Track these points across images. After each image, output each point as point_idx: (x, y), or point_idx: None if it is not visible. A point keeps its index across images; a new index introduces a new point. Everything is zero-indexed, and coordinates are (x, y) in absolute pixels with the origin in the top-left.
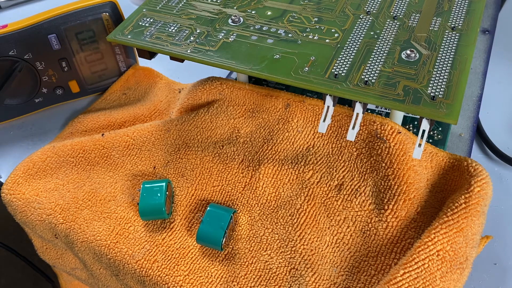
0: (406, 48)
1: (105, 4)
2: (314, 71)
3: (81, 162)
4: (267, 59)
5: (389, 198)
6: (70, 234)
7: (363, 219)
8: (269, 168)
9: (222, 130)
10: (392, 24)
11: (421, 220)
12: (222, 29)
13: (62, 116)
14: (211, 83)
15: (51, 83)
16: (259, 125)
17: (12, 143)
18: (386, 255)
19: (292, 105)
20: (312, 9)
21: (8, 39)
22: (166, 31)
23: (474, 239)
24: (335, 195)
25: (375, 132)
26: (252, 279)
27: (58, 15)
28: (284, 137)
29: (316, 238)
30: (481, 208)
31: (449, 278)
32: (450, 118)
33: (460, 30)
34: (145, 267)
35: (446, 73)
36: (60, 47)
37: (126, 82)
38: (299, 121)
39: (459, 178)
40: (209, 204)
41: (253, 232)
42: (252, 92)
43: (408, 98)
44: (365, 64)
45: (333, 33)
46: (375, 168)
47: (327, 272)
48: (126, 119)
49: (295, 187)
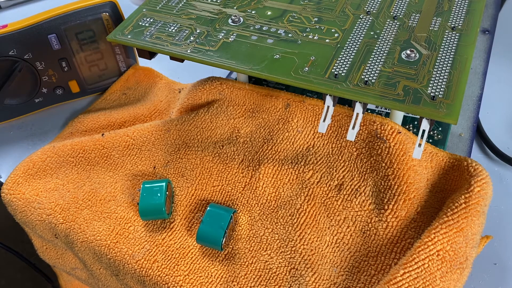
0: (406, 48)
1: (105, 4)
2: (314, 71)
3: (81, 162)
4: (267, 59)
5: (389, 198)
6: (70, 234)
7: (363, 219)
8: (269, 168)
9: (222, 130)
10: (392, 24)
11: (421, 220)
12: (222, 29)
13: (62, 116)
14: (211, 83)
15: (51, 83)
16: (259, 125)
17: (12, 143)
18: (386, 255)
19: (292, 105)
20: (312, 9)
21: (8, 39)
22: (166, 31)
23: (474, 239)
24: (335, 195)
25: (375, 132)
26: (252, 279)
27: (58, 15)
28: (284, 137)
29: (316, 238)
30: (481, 208)
31: (449, 278)
32: (450, 118)
33: (460, 30)
34: (145, 267)
35: (446, 73)
36: (60, 47)
37: (126, 82)
38: (299, 121)
39: (459, 178)
40: (209, 204)
41: (253, 232)
42: (252, 92)
43: (408, 98)
44: (365, 64)
45: (333, 33)
46: (375, 168)
47: (327, 272)
48: (126, 119)
49: (295, 187)
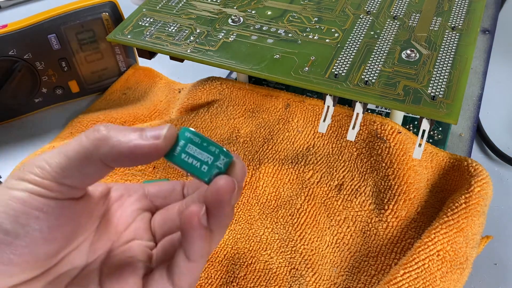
0: (406, 48)
1: (105, 4)
2: (314, 71)
3: None
4: (267, 59)
5: (389, 198)
6: None
7: (363, 219)
8: (269, 167)
9: (222, 130)
10: (392, 24)
11: (421, 220)
12: (222, 29)
13: (62, 116)
14: (211, 83)
15: (51, 83)
16: (259, 125)
17: (12, 143)
18: (386, 255)
19: (292, 105)
20: (312, 9)
21: (8, 39)
22: (166, 31)
23: (474, 239)
24: (335, 195)
25: (375, 132)
26: (251, 279)
27: (58, 15)
28: (284, 137)
29: (316, 238)
30: (481, 208)
31: (449, 278)
32: (450, 118)
33: (460, 30)
34: None
35: (446, 73)
36: (60, 47)
37: (126, 82)
38: (299, 121)
39: (459, 178)
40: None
41: (253, 232)
42: (252, 92)
43: (408, 98)
44: (365, 64)
45: (333, 33)
46: (375, 168)
47: (327, 272)
48: (126, 119)
49: (295, 187)
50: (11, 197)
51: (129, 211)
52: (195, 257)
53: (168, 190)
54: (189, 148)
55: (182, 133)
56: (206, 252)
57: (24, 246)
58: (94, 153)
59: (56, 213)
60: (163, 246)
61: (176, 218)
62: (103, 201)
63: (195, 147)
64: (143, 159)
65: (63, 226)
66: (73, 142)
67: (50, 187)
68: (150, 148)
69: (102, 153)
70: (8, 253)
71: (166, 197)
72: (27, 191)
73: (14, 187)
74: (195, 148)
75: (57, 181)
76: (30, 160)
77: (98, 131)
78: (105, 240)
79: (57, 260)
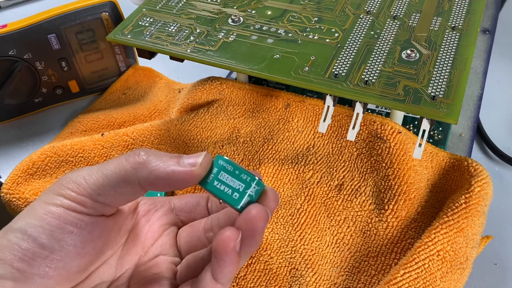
0: (407, 47)
1: (105, 4)
2: (314, 71)
3: (81, 162)
4: (267, 59)
5: (390, 198)
6: None
7: (363, 219)
8: (269, 167)
9: (222, 130)
10: (392, 24)
11: (422, 220)
12: (222, 28)
13: (62, 116)
14: (211, 83)
15: (50, 83)
16: (259, 125)
17: (12, 143)
18: (386, 255)
19: (292, 105)
20: (312, 9)
21: (8, 39)
22: (166, 31)
23: (474, 239)
24: (335, 195)
25: (375, 132)
26: (251, 279)
27: (58, 15)
28: (284, 137)
29: (316, 238)
30: (482, 208)
31: (449, 278)
32: (450, 118)
33: (461, 30)
34: None
35: (446, 73)
36: (60, 47)
37: (126, 82)
38: (299, 121)
39: (460, 178)
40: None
41: None
42: (252, 92)
43: (408, 98)
44: (365, 64)
45: (333, 32)
46: (376, 168)
47: (327, 272)
48: (126, 119)
49: (295, 186)
50: (47, 212)
51: (156, 226)
52: (224, 280)
53: (193, 204)
54: (222, 175)
55: (216, 160)
56: (234, 276)
57: (59, 260)
58: (132, 176)
59: (89, 228)
60: (187, 263)
61: (201, 236)
62: (131, 216)
63: (227, 175)
64: (178, 184)
65: (95, 241)
66: (113, 163)
67: (85, 203)
68: (187, 174)
69: (141, 176)
70: (44, 266)
71: (191, 211)
72: (63, 206)
73: (51, 202)
74: (227, 175)
75: (92, 198)
76: (68, 175)
77: (138, 155)
78: (132, 255)
79: (87, 273)
